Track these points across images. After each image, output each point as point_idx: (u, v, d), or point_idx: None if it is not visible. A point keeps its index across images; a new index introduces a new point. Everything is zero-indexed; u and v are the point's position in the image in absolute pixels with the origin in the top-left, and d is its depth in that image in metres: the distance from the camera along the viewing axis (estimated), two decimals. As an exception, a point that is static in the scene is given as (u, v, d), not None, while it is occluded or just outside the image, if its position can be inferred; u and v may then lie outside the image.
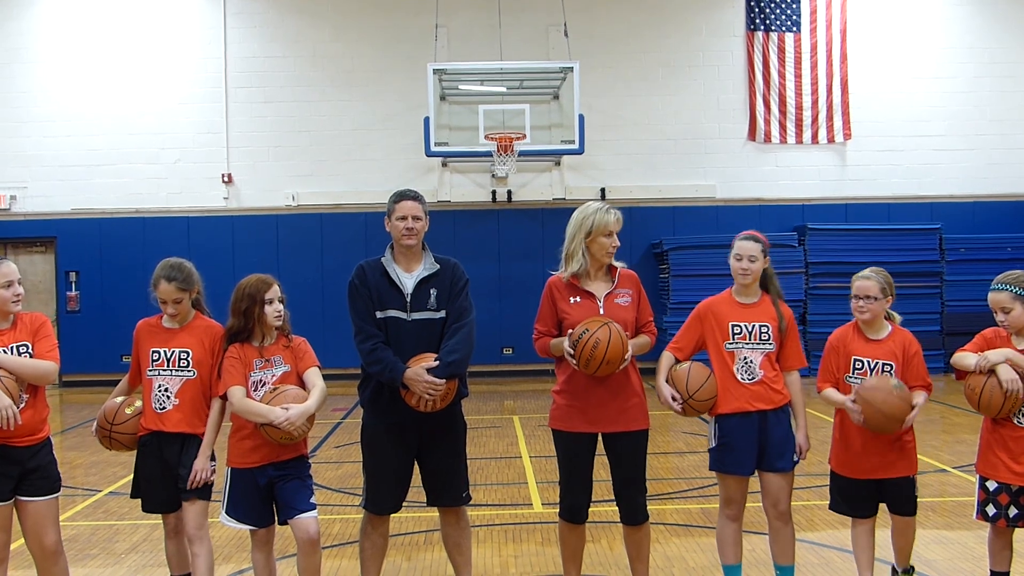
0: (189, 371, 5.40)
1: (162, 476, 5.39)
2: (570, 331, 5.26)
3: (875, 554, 5.60)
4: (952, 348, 5.74)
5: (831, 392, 5.49)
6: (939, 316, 17.69)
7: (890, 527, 5.61)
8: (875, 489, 5.47)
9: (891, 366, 5.35)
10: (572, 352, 5.19)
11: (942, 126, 18.90)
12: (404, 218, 5.42)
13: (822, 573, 6.42)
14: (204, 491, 5.41)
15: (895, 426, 5.19)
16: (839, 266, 17.49)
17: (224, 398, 5.31)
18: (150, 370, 5.42)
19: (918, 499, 5.53)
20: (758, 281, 5.61)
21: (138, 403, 5.52)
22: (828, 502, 5.70)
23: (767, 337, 5.48)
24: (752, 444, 5.39)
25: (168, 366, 5.40)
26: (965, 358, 5.31)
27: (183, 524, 5.45)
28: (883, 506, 5.54)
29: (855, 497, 5.50)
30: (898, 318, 5.59)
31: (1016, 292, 5.18)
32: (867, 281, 5.44)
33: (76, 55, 18.37)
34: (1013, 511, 5.22)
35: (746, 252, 5.53)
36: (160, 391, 5.39)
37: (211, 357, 5.43)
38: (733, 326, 5.48)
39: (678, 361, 5.57)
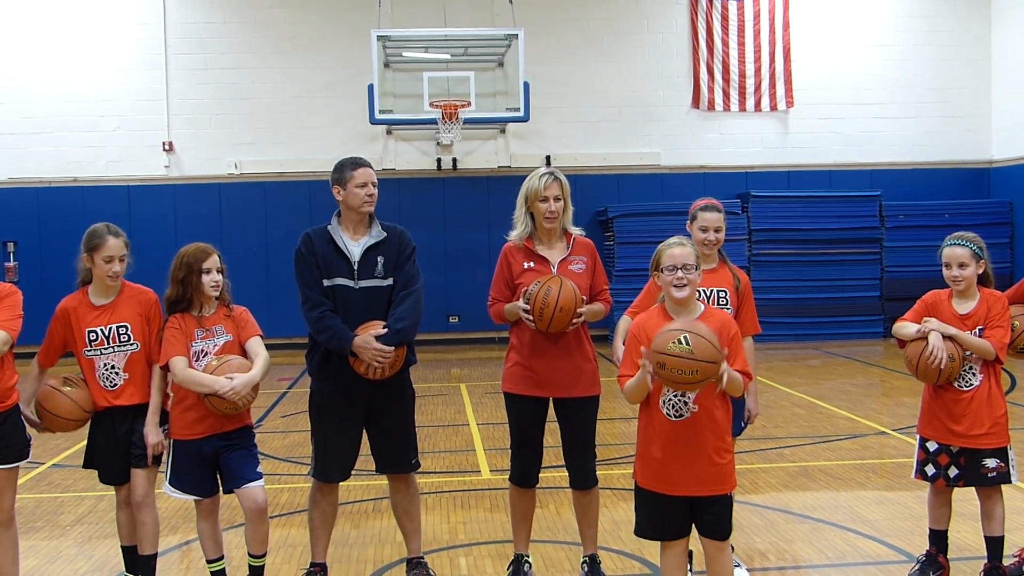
0: (132, 344, 5.31)
1: (116, 448, 5.32)
2: (524, 290, 5.30)
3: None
4: (892, 313, 5.82)
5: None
6: (879, 282, 17.97)
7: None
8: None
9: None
10: (527, 308, 5.23)
11: (882, 94, 19.11)
12: (365, 184, 5.40)
13: (767, 535, 6.53)
14: (155, 458, 5.35)
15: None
16: (782, 233, 17.75)
17: (166, 368, 5.25)
18: (89, 351, 5.29)
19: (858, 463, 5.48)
20: (719, 247, 5.64)
21: (66, 388, 5.31)
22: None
23: (724, 302, 5.52)
24: None
25: (109, 344, 5.29)
26: (905, 328, 5.40)
27: (132, 492, 5.39)
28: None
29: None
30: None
31: (974, 250, 5.28)
32: (684, 249, 4.64)
33: (10, 20, 17.91)
34: (953, 471, 5.34)
35: (712, 224, 5.54)
36: (107, 369, 5.28)
37: (148, 324, 5.36)
38: None
39: None
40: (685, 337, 4.10)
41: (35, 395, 5.38)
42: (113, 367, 5.28)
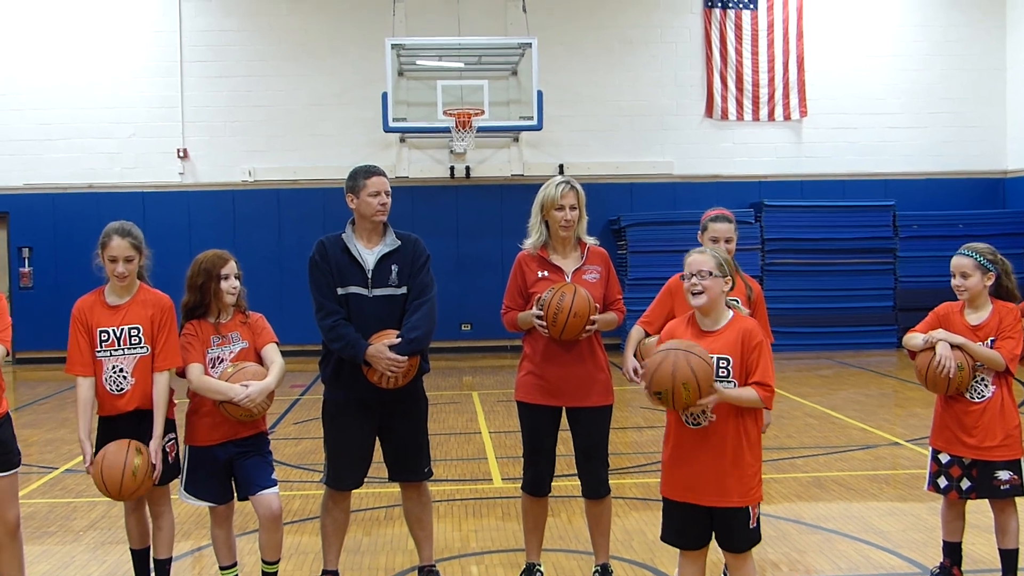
0: (142, 347, 5.21)
1: None
2: (537, 297, 5.31)
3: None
4: (905, 324, 5.81)
5: None
6: (892, 292, 17.92)
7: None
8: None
9: (727, 360, 4.44)
10: (540, 315, 5.25)
11: (895, 104, 19.07)
12: (378, 193, 5.40)
13: (779, 545, 6.52)
14: (172, 471, 5.34)
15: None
16: (795, 242, 17.72)
17: (181, 375, 5.26)
18: (99, 351, 5.19)
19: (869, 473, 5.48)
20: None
21: (138, 460, 5.04)
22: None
23: (736, 311, 5.52)
24: None
25: (120, 345, 5.20)
26: (914, 339, 5.40)
27: (147, 500, 5.39)
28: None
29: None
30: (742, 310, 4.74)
31: (979, 260, 5.29)
32: (701, 256, 4.54)
33: (27, 27, 18.02)
34: (966, 483, 5.33)
35: (722, 234, 5.54)
36: (114, 372, 5.19)
37: (158, 329, 5.22)
38: None
39: (647, 335, 5.58)
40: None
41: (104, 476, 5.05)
42: (121, 370, 5.20)
